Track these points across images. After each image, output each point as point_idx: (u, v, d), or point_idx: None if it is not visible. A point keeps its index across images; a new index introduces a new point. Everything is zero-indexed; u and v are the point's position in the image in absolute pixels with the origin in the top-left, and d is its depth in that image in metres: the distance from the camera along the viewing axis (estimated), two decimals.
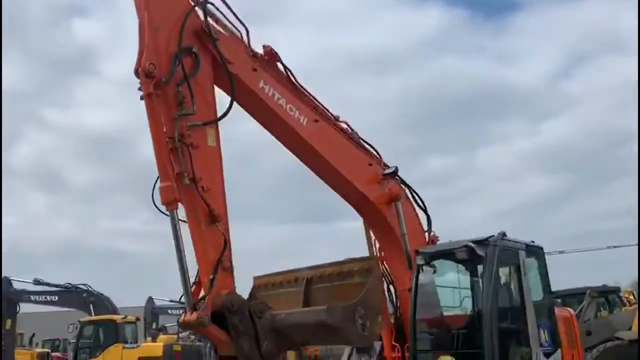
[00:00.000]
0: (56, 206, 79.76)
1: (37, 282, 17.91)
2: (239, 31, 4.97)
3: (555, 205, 71.64)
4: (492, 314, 4.77)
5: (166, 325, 24.54)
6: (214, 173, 4.33)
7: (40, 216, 76.07)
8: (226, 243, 4.24)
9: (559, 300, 10.07)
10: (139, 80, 4.15)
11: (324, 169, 5.53)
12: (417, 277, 5.35)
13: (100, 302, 17.77)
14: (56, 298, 18.84)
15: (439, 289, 5.51)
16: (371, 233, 6.08)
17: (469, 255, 4.99)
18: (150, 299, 28.09)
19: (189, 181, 4.05)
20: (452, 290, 5.38)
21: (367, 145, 5.88)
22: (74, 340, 17.14)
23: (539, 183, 68.06)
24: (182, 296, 4.29)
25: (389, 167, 5.83)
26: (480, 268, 5.10)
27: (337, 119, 5.71)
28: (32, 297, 18.30)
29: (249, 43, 5.02)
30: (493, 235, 5.14)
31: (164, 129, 4.16)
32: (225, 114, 4.47)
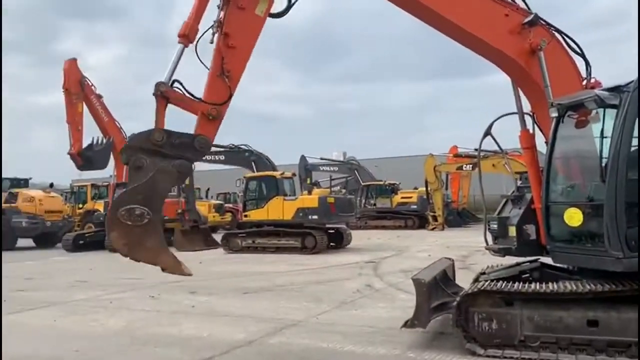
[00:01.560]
0: None
1: None
2: None
3: None
4: (620, 167, 4.43)
5: (319, 181, 26.45)
6: (246, 37, 4.39)
7: None
8: (228, 98, 4.38)
9: None
10: None
11: (455, 33, 5.22)
12: (554, 130, 5.07)
13: (261, 160, 19.56)
14: (223, 157, 21.05)
15: (575, 141, 5.22)
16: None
17: (599, 104, 4.55)
18: (302, 157, 30.19)
19: (216, 31, 4.26)
20: (587, 141, 5.00)
21: None
22: (241, 194, 19.32)
23: None
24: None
25: (530, 13, 5.23)
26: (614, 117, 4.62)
27: None
28: (205, 157, 20.64)
29: None
30: (632, 81, 4.55)
31: None
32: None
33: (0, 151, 14.44)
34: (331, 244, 17.27)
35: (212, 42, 4.36)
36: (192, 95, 4.29)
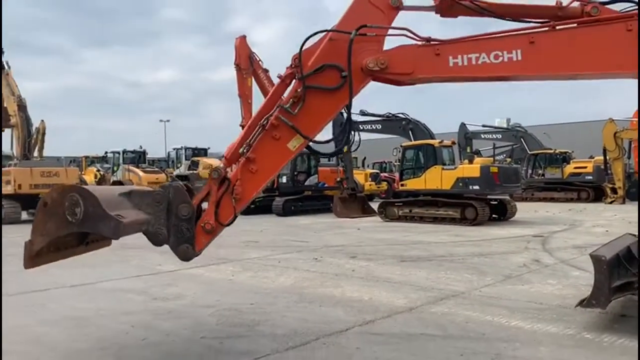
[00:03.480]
0: None
1: (362, 113, 20.30)
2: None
3: None
4: None
5: (480, 149, 25.31)
6: (270, 167, 4.25)
7: None
8: (231, 221, 4.27)
9: None
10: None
11: (575, 78, 4.29)
12: None
13: (418, 129, 19.23)
14: (379, 126, 21.13)
15: None
16: None
17: None
18: (462, 125, 29.08)
19: (243, 153, 4.17)
20: None
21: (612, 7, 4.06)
22: (398, 163, 19.29)
23: None
24: None
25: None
26: None
27: (559, 5, 4.14)
28: (361, 127, 20.97)
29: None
30: None
31: (268, 107, 4.26)
32: (328, 141, 4.43)
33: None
34: (493, 215, 16.51)
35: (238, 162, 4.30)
36: (218, 202, 4.20)
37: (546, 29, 4.07)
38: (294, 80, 4.21)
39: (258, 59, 21.17)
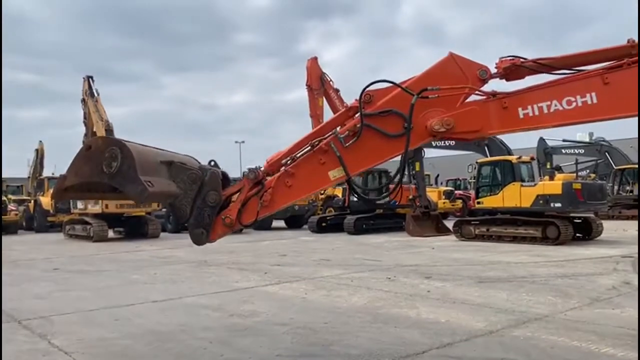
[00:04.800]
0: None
1: None
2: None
3: None
4: None
5: (561, 165, 24.14)
6: (307, 187, 4.23)
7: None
8: (251, 223, 4.21)
9: None
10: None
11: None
12: None
13: (494, 144, 18.68)
14: (453, 142, 20.70)
15: None
16: None
17: None
18: (541, 140, 27.94)
19: (286, 164, 4.19)
20: None
21: None
22: (473, 180, 18.74)
23: None
24: None
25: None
26: None
27: (632, 42, 3.81)
28: (434, 143, 20.60)
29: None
30: None
31: (325, 129, 4.28)
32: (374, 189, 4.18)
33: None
34: (577, 235, 15.60)
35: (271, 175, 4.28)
36: (245, 201, 4.18)
37: (619, 66, 3.78)
38: (357, 114, 4.16)
39: (329, 79, 21.48)
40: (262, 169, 4.28)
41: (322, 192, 26.78)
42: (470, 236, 16.57)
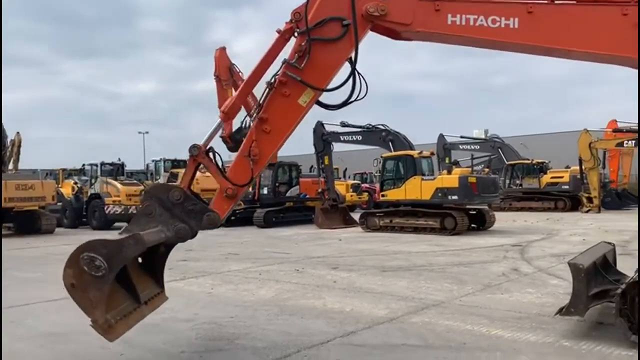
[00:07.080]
0: None
1: (343, 124, 20.37)
2: None
3: None
4: None
5: (458, 160, 25.55)
6: (284, 125, 4.28)
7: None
8: (248, 182, 4.30)
9: None
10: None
11: (568, 56, 4.38)
12: None
13: (398, 140, 19.35)
14: (360, 137, 21.22)
15: None
16: None
17: None
18: (441, 136, 29.40)
19: (255, 116, 4.22)
20: None
21: None
22: (378, 174, 19.36)
23: None
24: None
25: None
26: None
27: None
28: (342, 137, 21.06)
29: None
30: None
31: (266, 63, 4.31)
32: (336, 88, 4.28)
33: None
34: (472, 225, 16.67)
35: (248, 127, 4.36)
36: (220, 169, 4.31)
37: (545, 1, 4.16)
38: (292, 37, 4.22)
39: (238, 70, 21.12)
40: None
41: None
42: (375, 227, 17.14)
